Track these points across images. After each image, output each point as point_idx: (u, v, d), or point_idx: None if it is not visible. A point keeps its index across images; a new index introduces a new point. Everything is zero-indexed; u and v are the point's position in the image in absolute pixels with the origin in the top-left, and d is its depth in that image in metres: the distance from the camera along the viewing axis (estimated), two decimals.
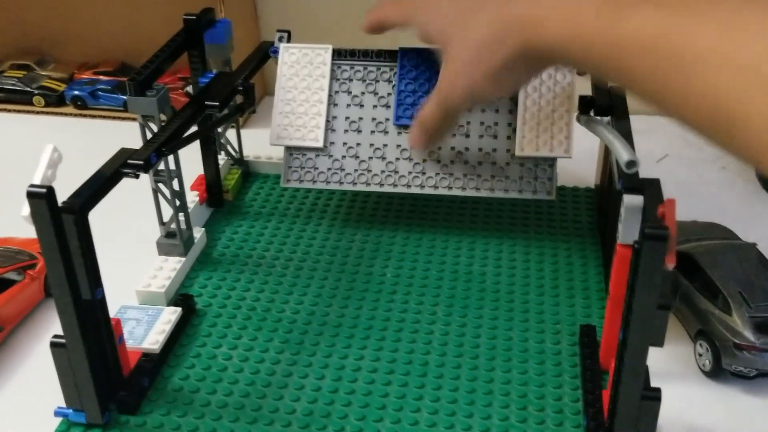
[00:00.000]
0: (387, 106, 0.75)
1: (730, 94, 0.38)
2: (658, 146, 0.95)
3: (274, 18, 1.09)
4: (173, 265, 0.72)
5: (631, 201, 0.55)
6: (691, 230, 0.71)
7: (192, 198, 0.79)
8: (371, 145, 0.75)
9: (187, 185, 0.80)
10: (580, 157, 0.89)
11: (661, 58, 0.42)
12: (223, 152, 0.86)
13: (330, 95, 0.76)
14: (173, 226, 0.72)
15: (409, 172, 0.74)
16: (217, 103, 0.69)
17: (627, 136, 0.62)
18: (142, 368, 0.61)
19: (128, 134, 0.61)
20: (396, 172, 0.74)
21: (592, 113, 0.67)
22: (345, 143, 0.76)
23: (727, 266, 0.64)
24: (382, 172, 0.74)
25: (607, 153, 0.76)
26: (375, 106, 0.75)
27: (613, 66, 0.46)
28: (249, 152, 0.90)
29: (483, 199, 0.85)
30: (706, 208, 0.83)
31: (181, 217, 0.73)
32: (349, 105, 0.76)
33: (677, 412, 0.60)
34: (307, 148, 0.76)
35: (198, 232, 0.76)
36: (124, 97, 1.03)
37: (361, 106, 0.76)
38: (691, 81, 0.40)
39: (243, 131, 0.89)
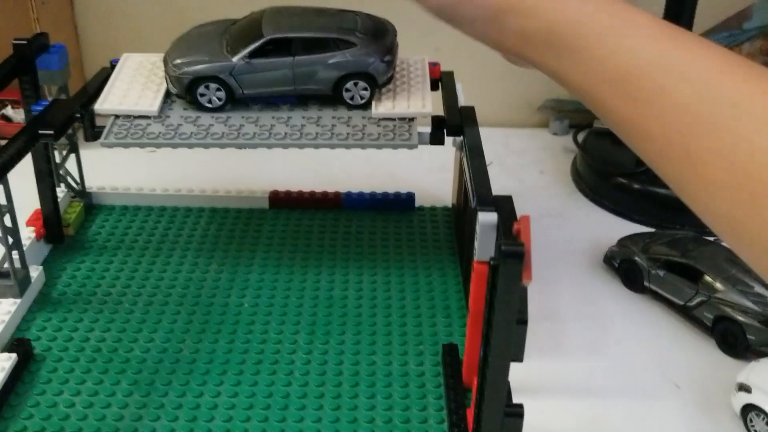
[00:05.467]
0: None
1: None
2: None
3: (97, 37, 1.05)
4: (7, 308, 0.66)
5: (486, 218, 0.55)
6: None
7: (28, 234, 0.73)
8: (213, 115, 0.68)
9: (23, 220, 0.74)
10: (436, 177, 0.91)
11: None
12: (63, 184, 0.81)
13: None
14: (6, 265, 0.66)
15: (255, 134, 0.67)
16: (51, 132, 0.64)
17: (479, 153, 0.63)
18: None
19: None
20: (240, 131, 0.67)
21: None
22: (184, 111, 0.69)
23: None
24: (224, 134, 0.67)
25: (462, 172, 0.76)
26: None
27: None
28: (92, 183, 0.84)
29: (342, 217, 0.83)
30: (530, 209, 0.86)
31: (15, 255, 0.67)
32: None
33: None
34: (139, 116, 0.67)
35: (35, 271, 0.71)
36: None
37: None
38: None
39: (85, 156, 0.82)
